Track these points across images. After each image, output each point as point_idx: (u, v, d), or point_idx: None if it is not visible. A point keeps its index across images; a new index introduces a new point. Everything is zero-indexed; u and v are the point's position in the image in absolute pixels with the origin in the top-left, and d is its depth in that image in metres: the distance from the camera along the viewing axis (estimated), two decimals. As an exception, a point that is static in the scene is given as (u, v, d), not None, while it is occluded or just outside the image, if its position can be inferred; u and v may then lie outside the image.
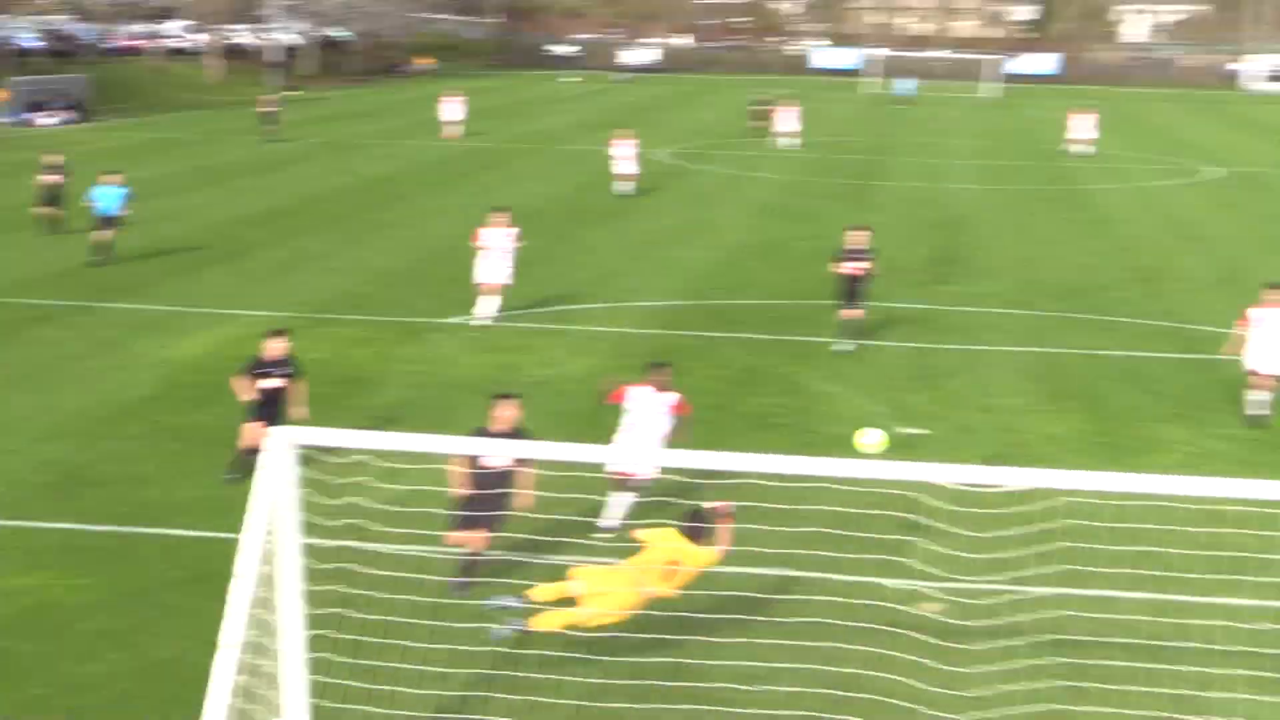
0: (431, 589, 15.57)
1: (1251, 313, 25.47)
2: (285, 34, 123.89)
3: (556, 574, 15.46)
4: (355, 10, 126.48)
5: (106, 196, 37.52)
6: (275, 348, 18.79)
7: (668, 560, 14.54)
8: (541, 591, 14.90)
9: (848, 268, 29.37)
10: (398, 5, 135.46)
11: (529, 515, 17.02)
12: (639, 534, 15.32)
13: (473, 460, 15.80)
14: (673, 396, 19.42)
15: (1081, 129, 74.76)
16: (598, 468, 17.57)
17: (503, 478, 16.25)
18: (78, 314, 32.07)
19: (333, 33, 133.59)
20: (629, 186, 54.28)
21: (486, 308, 31.17)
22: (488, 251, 30.72)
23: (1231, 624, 15.15)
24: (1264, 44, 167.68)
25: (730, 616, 15.47)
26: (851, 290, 29.33)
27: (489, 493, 16.06)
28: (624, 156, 54.57)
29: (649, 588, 14.55)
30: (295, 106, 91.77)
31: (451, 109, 75.03)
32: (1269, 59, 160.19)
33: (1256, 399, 25.22)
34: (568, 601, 14.70)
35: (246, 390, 19.38)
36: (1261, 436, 24.86)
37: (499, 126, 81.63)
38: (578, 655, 14.81)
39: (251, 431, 18.36)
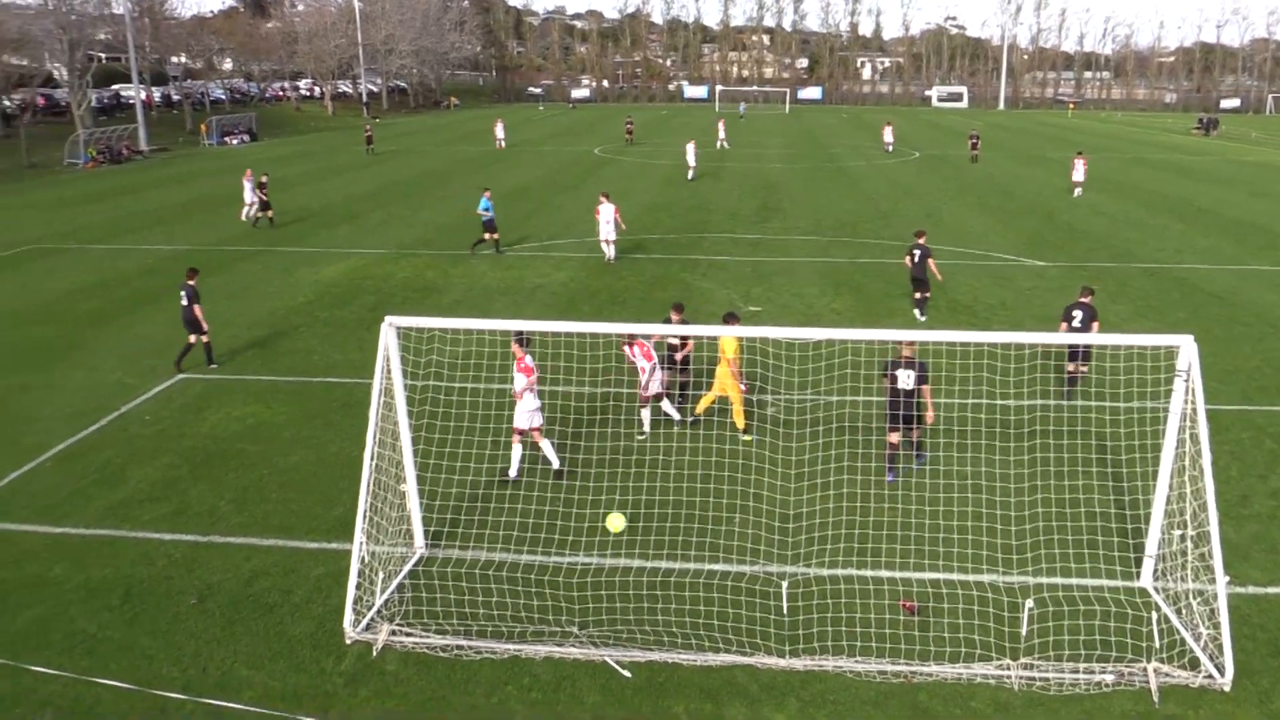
0: (475, 406, 15.60)
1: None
2: (369, 85, 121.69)
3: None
4: (406, 69, 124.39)
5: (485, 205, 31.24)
6: (908, 350, 13.93)
7: (730, 355, 15.59)
8: (703, 400, 16.33)
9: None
10: (434, 66, 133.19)
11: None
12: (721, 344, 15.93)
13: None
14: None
15: (888, 136, 69.97)
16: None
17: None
18: (263, 255, 31.37)
19: (396, 83, 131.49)
20: (691, 174, 51.16)
21: (609, 251, 29.73)
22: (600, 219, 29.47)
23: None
24: (940, 79, 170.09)
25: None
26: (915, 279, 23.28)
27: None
28: (690, 153, 51.46)
29: (729, 369, 15.67)
30: (378, 129, 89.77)
31: (499, 129, 73.26)
32: (941, 89, 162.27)
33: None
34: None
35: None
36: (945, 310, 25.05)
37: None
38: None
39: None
